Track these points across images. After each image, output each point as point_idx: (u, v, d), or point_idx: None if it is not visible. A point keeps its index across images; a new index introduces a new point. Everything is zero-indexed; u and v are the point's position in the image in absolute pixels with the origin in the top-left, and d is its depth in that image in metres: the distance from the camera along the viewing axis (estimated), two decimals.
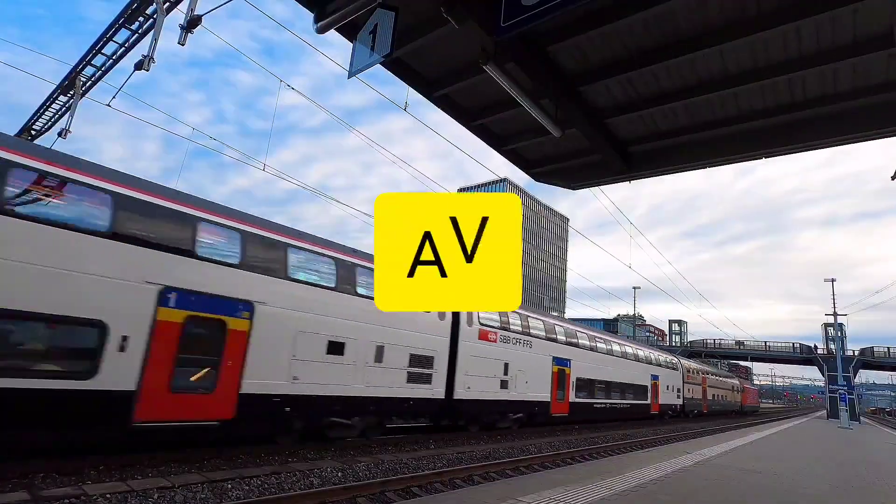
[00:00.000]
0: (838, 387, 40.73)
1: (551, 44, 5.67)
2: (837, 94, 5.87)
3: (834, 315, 43.87)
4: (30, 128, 15.58)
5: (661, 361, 31.79)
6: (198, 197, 9.55)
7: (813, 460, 12.17)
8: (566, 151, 8.17)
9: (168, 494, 6.57)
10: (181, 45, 9.18)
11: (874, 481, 9.54)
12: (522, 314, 17.66)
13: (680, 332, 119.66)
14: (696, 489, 7.27)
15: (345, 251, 11.68)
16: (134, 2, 10.89)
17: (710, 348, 69.49)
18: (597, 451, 14.22)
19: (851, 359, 55.26)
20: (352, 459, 9.82)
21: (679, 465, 9.63)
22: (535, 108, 5.82)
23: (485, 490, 6.26)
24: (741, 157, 6.94)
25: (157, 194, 8.71)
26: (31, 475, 6.81)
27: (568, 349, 19.78)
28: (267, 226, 10.28)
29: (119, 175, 8.41)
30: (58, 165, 7.67)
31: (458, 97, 7.16)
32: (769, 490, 7.65)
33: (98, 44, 12.10)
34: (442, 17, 4.71)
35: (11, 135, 7.87)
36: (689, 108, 6.62)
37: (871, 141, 6.08)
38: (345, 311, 10.91)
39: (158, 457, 8.28)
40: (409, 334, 12.36)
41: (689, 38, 5.38)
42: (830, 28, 4.95)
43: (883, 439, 23.91)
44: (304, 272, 10.49)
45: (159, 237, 8.36)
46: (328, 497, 6.99)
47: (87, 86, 13.24)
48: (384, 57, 4.77)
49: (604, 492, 6.58)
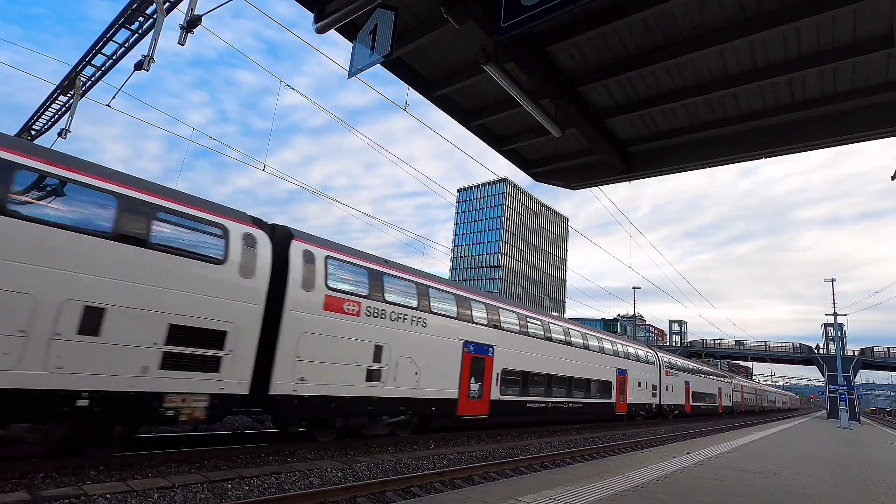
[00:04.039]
0: (838, 387, 40.74)
1: (551, 44, 5.67)
2: (837, 94, 5.88)
3: (834, 315, 43.90)
4: (30, 128, 15.59)
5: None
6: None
7: (813, 460, 12.17)
8: (566, 151, 8.18)
9: (168, 494, 6.57)
10: (181, 45, 9.18)
11: (874, 481, 9.54)
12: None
13: (680, 333, 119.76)
14: (695, 489, 7.27)
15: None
16: (134, 2, 10.90)
17: (710, 348, 69.55)
18: (597, 451, 14.22)
19: (851, 359, 55.30)
20: (352, 459, 9.82)
21: (679, 465, 9.63)
22: (535, 108, 5.83)
23: (485, 490, 6.26)
24: (741, 157, 6.94)
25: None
26: (31, 475, 6.81)
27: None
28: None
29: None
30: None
31: (457, 97, 7.17)
32: (769, 490, 7.65)
33: (98, 44, 12.10)
34: (442, 17, 4.71)
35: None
36: (688, 108, 6.62)
37: (870, 141, 6.08)
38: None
39: (158, 457, 8.28)
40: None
41: (689, 38, 5.38)
42: (830, 28, 4.95)
43: (883, 439, 23.92)
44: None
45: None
46: (328, 497, 6.99)
47: (87, 86, 13.25)
48: (384, 57, 4.77)
49: (604, 492, 6.58)
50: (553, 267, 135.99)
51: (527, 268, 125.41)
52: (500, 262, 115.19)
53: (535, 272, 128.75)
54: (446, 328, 13.55)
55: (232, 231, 9.07)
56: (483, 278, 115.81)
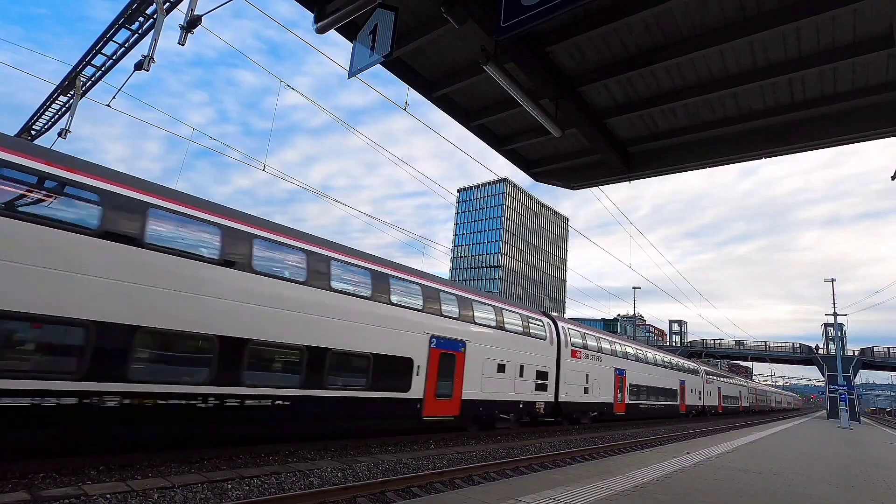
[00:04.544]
0: (838, 387, 40.73)
1: (551, 44, 5.67)
2: (837, 94, 5.87)
3: (834, 315, 43.89)
4: (30, 128, 15.58)
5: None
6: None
7: (813, 460, 12.17)
8: (566, 151, 8.17)
9: (168, 494, 6.57)
10: (181, 45, 9.17)
11: (874, 481, 9.54)
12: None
13: (680, 333, 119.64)
14: (696, 489, 7.27)
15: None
16: (134, 2, 10.89)
17: (710, 348, 69.55)
18: (597, 451, 14.22)
19: (851, 359, 55.27)
20: (352, 459, 9.82)
21: (679, 465, 9.63)
22: (535, 108, 5.83)
23: (485, 490, 6.26)
24: (741, 157, 6.94)
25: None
26: (31, 475, 6.81)
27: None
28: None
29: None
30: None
31: (457, 97, 7.16)
32: (769, 490, 7.65)
33: (98, 44, 12.09)
34: (442, 17, 4.71)
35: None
36: (688, 108, 6.62)
37: (871, 141, 6.08)
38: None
39: (158, 457, 8.28)
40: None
41: (689, 38, 5.38)
42: (830, 28, 4.95)
43: (883, 439, 23.91)
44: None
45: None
46: (328, 497, 6.99)
47: (87, 86, 13.23)
48: (384, 57, 4.77)
49: (604, 492, 6.58)
50: (553, 267, 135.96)
51: (527, 268, 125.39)
52: (500, 262, 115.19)
53: (535, 272, 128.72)
54: (608, 360, 23.51)
55: (545, 322, 19.06)
56: (483, 278, 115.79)
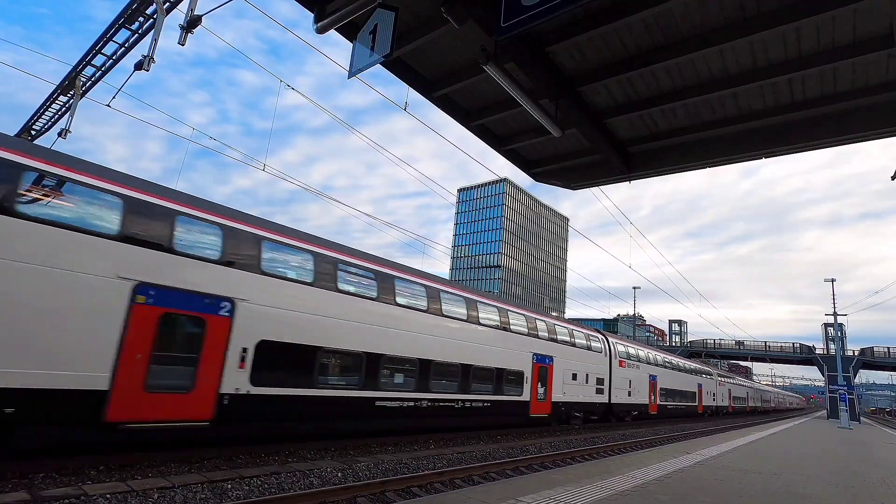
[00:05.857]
0: (838, 387, 40.71)
1: (551, 44, 5.67)
2: (837, 94, 5.87)
3: (834, 315, 43.87)
4: (30, 128, 15.58)
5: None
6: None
7: (813, 460, 12.17)
8: (566, 151, 8.17)
9: (168, 494, 6.57)
10: (181, 45, 9.17)
11: (874, 481, 9.54)
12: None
13: (680, 333, 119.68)
14: (696, 489, 7.27)
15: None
16: (134, 2, 10.88)
17: (710, 348, 69.56)
18: (597, 451, 14.22)
19: (851, 359, 55.27)
20: (352, 459, 9.82)
21: (679, 465, 9.63)
22: (535, 108, 5.82)
23: (485, 490, 6.26)
24: (741, 157, 6.94)
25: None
26: (31, 475, 6.81)
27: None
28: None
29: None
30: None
31: (457, 97, 7.16)
32: (769, 490, 7.65)
33: (98, 44, 12.08)
34: (442, 17, 4.71)
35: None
36: (688, 108, 6.62)
37: (871, 141, 6.08)
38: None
39: (158, 457, 8.28)
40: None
41: (689, 38, 5.38)
42: (830, 28, 4.95)
43: (883, 439, 23.91)
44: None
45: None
46: (328, 497, 6.99)
47: (87, 86, 13.22)
48: (384, 57, 4.77)
49: (604, 492, 6.58)
50: (553, 267, 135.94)
51: (527, 268, 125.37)
52: (500, 262, 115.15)
53: (535, 272, 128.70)
54: (645, 368, 27.61)
55: (601, 338, 23.18)
56: (483, 278, 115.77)
